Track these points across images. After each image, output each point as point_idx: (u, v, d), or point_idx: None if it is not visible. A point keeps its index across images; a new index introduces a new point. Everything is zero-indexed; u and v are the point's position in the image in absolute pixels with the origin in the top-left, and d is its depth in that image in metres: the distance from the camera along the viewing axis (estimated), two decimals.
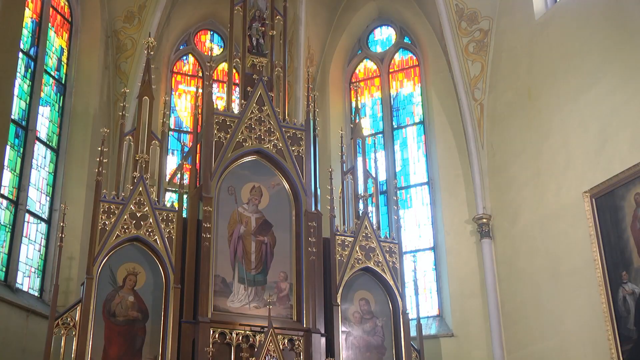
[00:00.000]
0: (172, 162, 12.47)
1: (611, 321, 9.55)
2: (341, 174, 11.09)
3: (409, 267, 10.93)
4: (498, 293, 11.71)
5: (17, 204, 10.70)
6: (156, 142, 10.06)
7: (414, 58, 14.21)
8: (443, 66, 13.14)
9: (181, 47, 14.27)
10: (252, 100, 10.48)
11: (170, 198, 10.62)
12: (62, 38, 12.39)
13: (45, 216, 11.33)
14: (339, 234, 10.43)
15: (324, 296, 9.99)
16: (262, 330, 9.32)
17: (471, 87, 12.62)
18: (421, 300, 11.24)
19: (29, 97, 11.30)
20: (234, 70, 11.00)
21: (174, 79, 14.06)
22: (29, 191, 10.92)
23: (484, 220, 12.07)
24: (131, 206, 9.41)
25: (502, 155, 12.14)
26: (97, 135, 11.31)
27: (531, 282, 11.13)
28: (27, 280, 10.77)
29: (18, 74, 10.79)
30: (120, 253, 9.30)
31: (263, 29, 11.12)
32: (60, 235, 9.31)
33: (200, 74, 14.00)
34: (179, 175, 10.11)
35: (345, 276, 10.23)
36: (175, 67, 14.14)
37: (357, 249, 10.43)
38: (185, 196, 9.87)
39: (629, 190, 9.62)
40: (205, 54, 13.91)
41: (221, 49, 14.28)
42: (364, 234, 10.54)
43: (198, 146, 10.40)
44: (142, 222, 9.40)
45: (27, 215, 10.84)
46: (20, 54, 10.88)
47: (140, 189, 9.51)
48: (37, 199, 11.24)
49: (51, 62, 12.01)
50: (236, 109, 10.55)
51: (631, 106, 9.80)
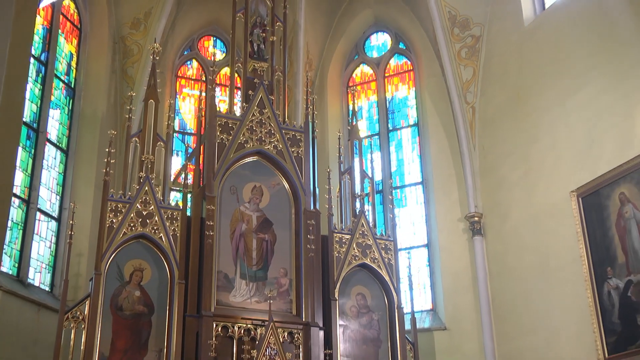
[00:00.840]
0: (176, 162, 12.46)
1: (596, 315, 9.59)
2: (339, 174, 11.08)
3: (403, 264, 10.96)
4: (489, 288, 11.73)
5: (29, 202, 10.72)
6: (161, 143, 10.05)
7: (409, 63, 14.19)
8: (436, 70, 13.14)
9: (185, 53, 14.27)
10: (253, 103, 10.48)
11: (175, 197, 10.63)
12: (71, 44, 12.39)
13: (55, 214, 11.35)
14: (336, 231, 10.43)
15: (322, 291, 9.99)
16: (263, 323, 9.33)
17: (463, 90, 12.63)
18: (415, 295, 11.22)
19: (39, 101, 11.31)
20: (236, 75, 10.94)
21: (178, 83, 14.06)
22: (39, 190, 10.94)
23: (476, 218, 12.08)
24: (137, 205, 9.41)
25: (493, 156, 12.16)
26: (104, 137, 11.32)
27: (521, 277, 11.14)
28: (38, 276, 10.79)
29: (30, 79, 10.79)
30: (127, 250, 9.29)
31: (264, 35, 11.10)
32: (69, 232, 9.31)
33: (204, 78, 13.91)
34: (183, 175, 10.05)
35: (343, 272, 10.24)
36: (179, 72, 14.13)
37: (354, 246, 10.43)
38: (189, 195, 9.87)
39: (613, 190, 9.65)
40: (209, 59, 13.92)
41: (224, 54, 14.25)
42: (360, 232, 10.54)
43: (201, 147, 10.37)
44: (147, 220, 9.40)
45: (38, 213, 10.86)
46: (32, 60, 10.86)
47: (146, 188, 9.51)
48: (48, 198, 11.25)
49: (61, 67, 12.02)
50: (238, 111, 10.52)
51: (616, 109, 9.84)
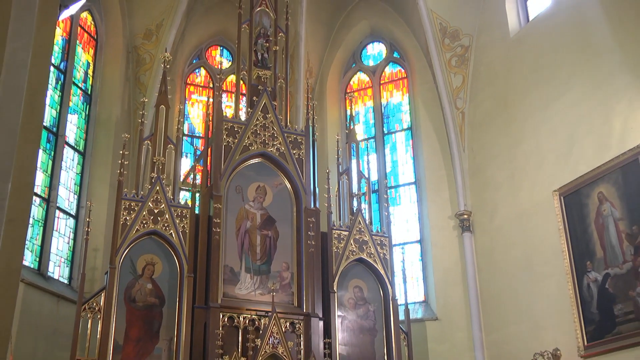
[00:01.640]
0: (185, 164, 12.47)
1: (577, 305, 9.59)
2: (337, 175, 11.09)
3: (398, 258, 11.01)
4: (477, 281, 11.71)
5: (49, 201, 10.73)
6: (171, 146, 10.07)
7: (403, 71, 14.16)
8: (428, 78, 13.12)
9: (194, 61, 14.22)
10: (257, 109, 10.49)
11: (184, 196, 10.66)
12: (88, 53, 12.41)
13: (73, 212, 11.36)
14: (335, 228, 10.44)
15: (321, 284, 10.01)
16: (266, 314, 9.35)
17: (453, 97, 12.61)
18: (409, 288, 11.19)
19: (59, 106, 11.33)
20: (241, 82, 10.98)
21: (187, 89, 14.01)
22: (58, 190, 10.95)
23: (465, 216, 12.08)
24: (149, 203, 9.43)
25: (481, 158, 12.16)
26: (119, 140, 11.34)
27: (507, 271, 11.15)
28: (58, 269, 10.80)
29: (49, 86, 10.83)
30: (140, 245, 9.32)
31: (267, 44, 11.13)
32: (86, 229, 9.37)
33: (211, 85, 13.92)
34: (192, 176, 10.10)
35: (341, 266, 10.25)
36: (188, 79, 14.09)
37: (352, 242, 10.44)
38: (197, 194, 9.89)
39: (593, 190, 9.65)
40: (216, 67, 13.84)
41: (230, 63, 14.23)
42: (357, 229, 10.55)
43: (209, 150, 10.39)
44: (159, 218, 9.42)
45: (57, 211, 10.87)
46: (52, 68, 10.93)
47: (158, 188, 9.53)
48: (66, 197, 11.27)
49: (79, 74, 12.04)
50: (243, 116, 10.55)
51: (595, 114, 9.85)
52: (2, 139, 2.69)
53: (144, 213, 9.37)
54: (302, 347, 9.46)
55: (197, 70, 14.30)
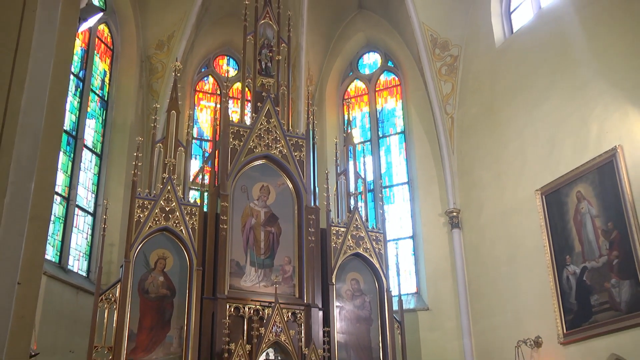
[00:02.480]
0: (195, 165, 12.49)
1: (557, 296, 9.61)
2: (336, 175, 11.12)
3: (392, 253, 10.96)
4: (465, 274, 11.73)
5: (69, 200, 10.77)
6: (182, 148, 10.09)
7: (396, 79, 14.18)
8: (420, 85, 13.13)
9: (202, 70, 14.25)
10: (261, 114, 10.51)
11: (194, 195, 10.66)
12: (105, 63, 12.45)
13: (91, 210, 11.39)
14: (333, 225, 10.46)
15: (321, 277, 10.02)
16: (269, 305, 9.37)
17: (443, 103, 12.63)
18: (402, 280, 11.20)
19: (78, 112, 11.37)
20: (246, 89, 10.99)
21: (196, 96, 14.04)
22: (78, 189, 10.99)
23: (454, 213, 12.09)
24: (161, 202, 9.45)
25: (469, 160, 12.17)
26: (133, 143, 11.36)
27: (493, 265, 11.16)
28: (77, 263, 10.84)
29: (69, 93, 10.86)
30: (152, 241, 9.34)
31: (271, 54, 11.13)
32: (103, 226, 9.40)
33: (218, 92, 13.94)
34: (200, 176, 10.12)
35: (339, 260, 10.27)
36: (197, 86, 14.12)
37: (349, 237, 10.45)
38: (206, 194, 9.91)
39: (572, 189, 9.66)
40: (223, 75, 13.89)
41: (236, 71, 14.23)
42: (354, 225, 10.56)
43: (216, 152, 10.38)
44: (170, 215, 9.45)
45: (76, 209, 10.91)
46: (72, 76, 10.94)
47: (169, 187, 9.55)
48: (85, 196, 11.31)
49: (96, 82, 12.07)
50: (248, 121, 10.56)
51: (573, 119, 9.86)
52: (26, 142, 2.71)
53: (156, 211, 9.40)
54: (302, 335, 9.46)
55: (205, 78, 14.33)
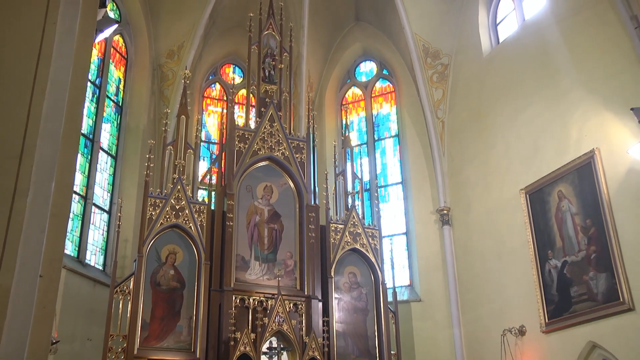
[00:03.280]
0: (203, 166, 12.47)
1: (540, 288, 9.62)
2: (334, 176, 11.12)
3: (386, 248, 10.97)
4: (455, 268, 11.74)
5: (86, 198, 10.79)
6: (191, 151, 10.10)
7: (391, 86, 14.19)
8: (413, 92, 13.14)
9: (210, 77, 14.24)
10: (265, 119, 10.51)
11: (202, 194, 10.68)
12: (119, 71, 12.46)
13: (106, 208, 11.40)
14: (332, 222, 10.46)
15: (321, 270, 10.03)
16: (273, 296, 9.40)
17: (435, 108, 12.63)
18: (396, 274, 11.25)
19: (94, 116, 11.38)
20: (251, 95, 10.98)
21: (204, 101, 14.03)
22: (94, 189, 11.00)
23: (445, 211, 12.10)
24: (172, 200, 9.46)
25: (458, 161, 12.17)
26: (145, 146, 11.40)
27: (480, 259, 11.17)
28: (94, 257, 10.86)
29: (87, 99, 10.88)
30: (164, 237, 9.35)
31: (274, 63, 11.14)
32: (118, 223, 9.42)
33: (225, 98, 13.94)
34: (208, 177, 10.11)
35: (338, 255, 10.27)
36: (205, 93, 14.11)
37: (347, 234, 10.46)
38: (213, 193, 9.90)
39: (553, 188, 9.67)
40: (229, 82, 13.92)
41: (241, 79, 14.23)
42: (352, 222, 10.56)
43: (223, 154, 10.41)
44: (180, 213, 9.46)
45: (93, 207, 10.93)
46: (89, 83, 10.97)
47: (179, 187, 9.56)
48: (101, 194, 11.32)
49: (111, 89, 12.08)
50: (252, 125, 10.56)
51: (555, 124, 9.87)
52: (46, 145, 2.73)
53: (167, 209, 9.41)
54: (303, 324, 9.49)
55: (213, 85, 14.32)
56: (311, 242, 10.06)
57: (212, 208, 9.77)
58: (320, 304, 9.79)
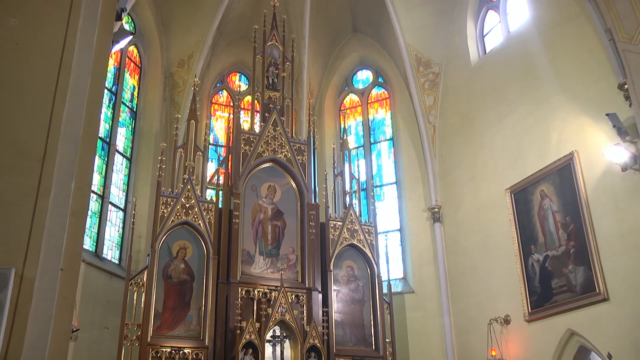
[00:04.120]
0: (211, 167, 12.46)
1: (523, 281, 9.64)
2: (333, 176, 11.13)
3: (382, 243, 10.99)
4: (445, 262, 11.73)
5: (103, 197, 10.80)
6: (200, 153, 10.12)
7: (386, 92, 14.16)
8: (406, 98, 13.13)
9: (218, 85, 14.22)
10: (268, 123, 10.52)
11: (210, 193, 10.70)
12: (134, 78, 12.47)
13: (122, 206, 11.40)
14: (331, 219, 10.48)
15: (320, 264, 10.04)
16: (276, 288, 9.41)
17: (427, 113, 12.62)
18: (390, 267, 11.22)
19: (111, 121, 11.39)
20: (256, 101, 11.00)
21: (212, 107, 14.00)
22: (111, 188, 11.00)
23: (436, 209, 12.09)
24: (182, 199, 9.48)
25: (448, 163, 12.17)
26: (158, 148, 11.39)
27: (469, 254, 11.17)
28: (110, 252, 10.86)
29: (104, 105, 10.91)
30: (175, 233, 9.37)
31: (277, 71, 11.15)
32: (132, 220, 9.46)
33: (232, 104, 13.93)
34: (216, 177, 10.13)
35: (336, 250, 10.29)
36: (213, 99, 14.08)
37: (345, 230, 10.47)
38: (220, 192, 9.92)
39: (536, 188, 9.69)
40: (235, 89, 13.92)
41: (247, 86, 14.17)
42: (349, 220, 10.58)
43: (230, 156, 10.43)
44: (190, 211, 9.47)
45: (109, 205, 10.93)
46: (105, 91, 10.99)
47: (189, 187, 9.58)
48: (117, 194, 11.32)
49: (126, 95, 12.08)
50: (257, 129, 10.57)
51: (537, 128, 9.89)
52: (67, 148, 2.76)
53: (178, 207, 9.43)
54: (305, 314, 9.51)
55: (220, 92, 14.30)
56: (311, 238, 10.07)
57: (220, 206, 9.78)
58: (320, 296, 9.80)
